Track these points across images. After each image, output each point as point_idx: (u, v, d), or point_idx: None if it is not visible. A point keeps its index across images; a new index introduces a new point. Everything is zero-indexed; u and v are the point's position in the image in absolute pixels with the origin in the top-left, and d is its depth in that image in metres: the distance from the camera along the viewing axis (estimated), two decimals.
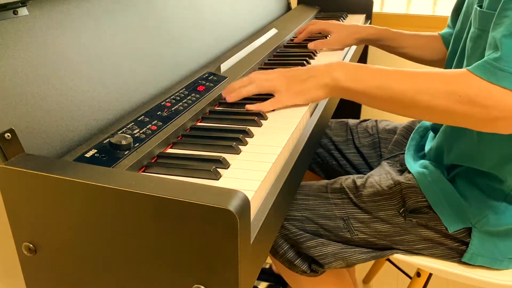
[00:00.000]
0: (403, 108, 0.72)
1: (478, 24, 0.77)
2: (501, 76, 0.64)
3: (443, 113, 0.68)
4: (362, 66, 0.76)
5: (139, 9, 0.88)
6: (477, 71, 0.66)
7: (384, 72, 0.73)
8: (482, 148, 0.80)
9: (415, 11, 1.91)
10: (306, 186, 0.93)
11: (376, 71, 0.74)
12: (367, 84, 0.73)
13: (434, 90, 0.68)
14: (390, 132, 1.12)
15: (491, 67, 0.65)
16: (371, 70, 0.74)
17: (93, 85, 0.73)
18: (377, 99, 0.73)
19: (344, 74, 0.75)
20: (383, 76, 0.72)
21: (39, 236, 0.57)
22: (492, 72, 0.65)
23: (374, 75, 0.73)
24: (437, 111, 0.69)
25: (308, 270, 0.91)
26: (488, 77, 0.65)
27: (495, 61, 0.65)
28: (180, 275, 0.51)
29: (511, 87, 0.63)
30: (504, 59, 0.64)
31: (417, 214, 0.85)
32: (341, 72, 0.76)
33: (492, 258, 0.83)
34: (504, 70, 0.64)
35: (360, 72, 0.75)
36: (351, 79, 0.75)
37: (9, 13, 0.62)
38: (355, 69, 0.76)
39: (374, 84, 0.73)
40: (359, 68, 0.76)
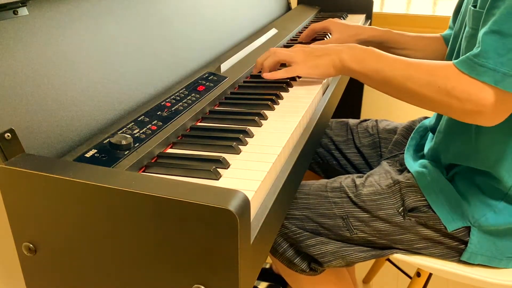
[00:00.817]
0: (395, 92, 0.78)
1: (471, 24, 0.78)
2: (481, 71, 0.68)
3: (426, 101, 0.74)
4: (368, 50, 0.82)
5: (139, 9, 0.88)
6: (459, 65, 0.70)
7: (383, 57, 0.79)
8: (480, 147, 0.80)
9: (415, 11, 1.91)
10: (306, 185, 0.93)
11: (377, 56, 0.80)
12: (366, 67, 0.80)
13: (418, 79, 0.73)
14: (390, 132, 1.12)
15: (472, 62, 0.69)
16: (373, 54, 0.81)
17: (93, 85, 0.73)
18: (374, 80, 0.80)
19: (350, 55, 0.83)
20: (381, 61, 0.79)
21: (39, 236, 0.57)
22: (472, 67, 0.69)
23: (374, 59, 0.80)
24: (421, 98, 0.74)
25: (308, 269, 0.91)
26: (469, 72, 0.69)
27: (474, 56, 0.69)
28: (180, 275, 0.51)
29: (488, 81, 0.67)
30: (482, 55, 0.68)
31: (416, 213, 0.85)
32: (347, 53, 0.83)
33: (491, 257, 0.83)
34: (483, 66, 0.68)
35: (363, 55, 0.82)
36: (355, 60, 0.82)
37: (9, 13, 0.62)
38: (359, 51, 0.83)
39: (372, 67, 0.79)
40: (363, 51, 0.82)
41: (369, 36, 1.15)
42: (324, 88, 0.98)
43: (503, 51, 0.66)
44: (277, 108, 0.85)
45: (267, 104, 0.84)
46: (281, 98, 0.89)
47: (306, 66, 0.88)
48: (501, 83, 0.66)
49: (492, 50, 0.67)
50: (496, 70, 0.66)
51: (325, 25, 1.22)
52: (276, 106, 0.86)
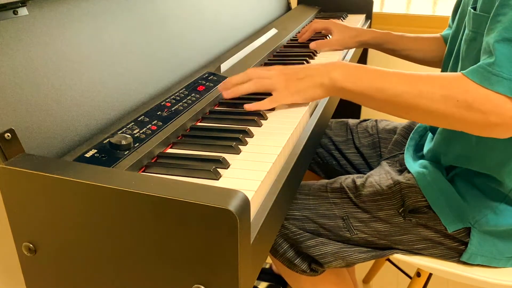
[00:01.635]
0: (401, 110, 0.71)
1: (472, 26, 0.77)
2: (495, 81, 0.64)
3: (441, 117, 0.68)
4: (361, 67, 0.75)
5: (139, 9, 0.88)
6: (472, 76, 0.66)
7: (383, 74, 0.72)
8: (480, 150, 0.80)
9: (415, 11, 1.91)
10: (306, 185, 0.93)
11: (375, 72, 0.73)
12: (365, 85, 0.72)
13: (432, 94, 0.67)
14: (390, 132, 1.12)
15: (486, 72, 0.65)
16: (369, 71, 0.74)
17: (93, 85, 0.73)
18: (376, 100, 0.73)
19: (342, 74, 0.75)
20: (381, 78, 0.72)
21: (39, 236, 0.57)
22: (486, 77, 0.65)
23: (372, 76, 0.73)
24: (435, 115, 0.68)
25: (308, 270, 0.91)
26: (482, 82, 0.65)
27: (489, 66, 0.65)
28: (180, 275, 0.51)
29: (505, 92, 0.63)
30: (498, 64, 0.64)
31: (416, 214, 0.85)
32: (339, 72, 0.75)
33: (491, 257, 0.83)
34: (498, 75, 0.64)
35: (358, 73, 0.74)
36: (349, 79, 0.74)
37: (9, 13, 0.62)
38: (353, 69, 0.75)
39: (373, 86, 0.72)
40: (357, 68, 0.75)
41: (369, 38, 1.15)
42: None
43: None
44: (277, 108, 0.85)
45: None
46: None
47: (288, 93, 0.79)
48: None
49: (506, 59, 0.64)
50: (511, 79, 0.63)
51: (326, 25, 1.21)
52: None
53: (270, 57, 1.15)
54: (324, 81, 0.76)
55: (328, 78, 0.76)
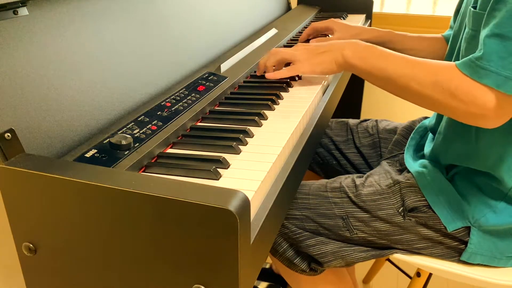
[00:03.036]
0: (397, 90, 0.77)
1: (471, 25, 0.78)
2: (483, 74, 0.67)
3: (430, 102, 0.73)
4: (370, 47, 0.82)
5: (139, 9, 0.88)
6: (462, 67, 0.70)
7: (387, 55, 0.79)
8: (480, 149, 0.80)
9: (415, 11, 1.91)
10: (306, 185, 0.93)
11: (380, 53, 0.80)
12: (370, 64, 0.80)
13: (423, 79, 0.73)
14: (390, 132, 1.12)
15: (474, 64, 0.68)
16: (376, 51, 0.80)
17: (93, 85, 0.73)
18: (377, 78, 0.79)
19: (353, 52, 0.82)
20: (385, 58, 0.78)
21: (39, 236, 0.57)
22: (474, 70, 0.68)
23: (377, 56, 0.79)
24: (424, 98, 0.73)
25: (308, 269, 0.91)
26: (470, 74, 0.69)
27: (477, 59, 0.68)
28: (180, 275, 0.51)
29: (491, 84, 0.67)
30: (485, 58, 0.67)
31: (416, 213, 0.85)
32: (351, 50, 0.83)
33: (491, 256, 0.83)
34: (485, 68, 0.67)
35: (366, 52, 0.81)
36: (358, 56, 0.82)
37: (9, 13, 0.62)
38: (362, 48, 0.82)
39: (376, 65, 0.79)
40: (367, 48, 0.82)
41: (371, 37, 1.15)
42: (324, 88, 0.98)
43: (505, 54, 0.66)
44: (277, 108, 0.85)
45: (267, 104, 0.84)
46: (281, 98, 0.89)
47: (309, 64, 0.88)
48: (502, 87, 0.66)
49: (494, 53, 0.67)
50: (498, 73, 0.66)
51: (327, 24, 1.21)
52: (276, 106, 0.86)
53: None
54: (338, 57, 0.84)
55: (341, 55, 0.84)
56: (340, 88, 1.08)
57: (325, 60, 0.86)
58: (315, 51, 0.88)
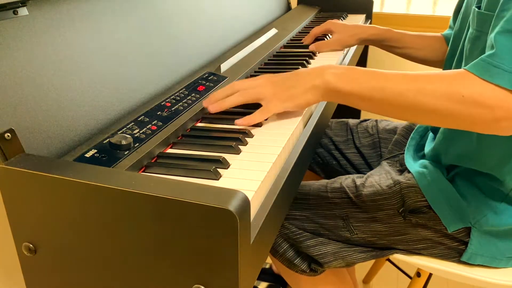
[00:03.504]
0: (401, 111, 0.68)
1: (476, 25, 0.77)
2: (495, 73, 0.62)
3: (445, 115, 0.65)
4: (355, 68, 0.72)
5: (139, 9, 0.88)
6: (473, 69, 0.64)
7: (380, 74, 0.69)
8: (481, 149, 0.80)
9: (415, 11, 1.91)
10: (306, 185, 0.93)
11: (370, 72, 0.70)
12: (362, 86, 0.69)
13: (435, 91, 0.64)
14: (390, 132, 1.12)
15: (486, 63, 0.63)
16: (364, 71, 0.70)
17: (93, 85, 0.73)
18: (374, 101, 0.69)
19: (336, 75, 0.71)
20: (379, 77, 0.68)
21: (39, 236, 0.57)
22: (486, 69, 0.63)
23: (369, 76, 0.69)
24: (439, 113, 0.65)
25: (308, 270, 0.91)
26: (482, 75, 0.63)
27: (489, 57, 0.63)
28: (180, 275, 0.51)
29: (505, 85, 0.61)
30: (498, 56, 0.63)
31: (416, 214, 0.85)
32: (332, 73, 0.71)
33: (491, 257, 0.83)
34: (499, 67, 0.62)
35: (352, 73, 0.70)
36: (343, 79, 0.70)
37: (9, 13, 0.62)
38: (347, 70, 0.71)
39: (370, 85, 0.68)
40: (351, 69, 0.71)
41: (369, 35, 1.15)
42: None
43: None
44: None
45: None
46: None
47: (279, 101, 0.74)
48: None
49: (507, 51, 0.62)
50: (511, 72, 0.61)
51: (326, 27, 1.21)
52: None
53: (270, 57, 1.15)
54: (317, 83, 0.72)
55: (321, 80, 0.71)
56: None
57: (297, 91, 0.73)
58: (284, 83, 0.74)
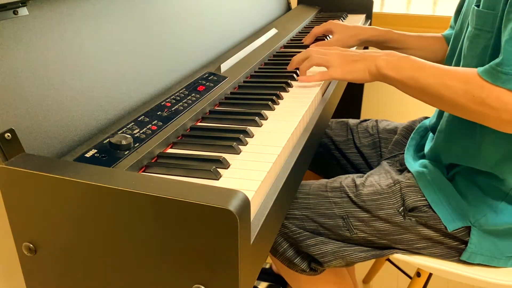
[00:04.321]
0: (430, 99, 0.77)
1: (475, 24, 0.78)
2: (506, 79, 0.67)
3: (461, 109, 0.72)
4: (405, 57, 0.81)
5: (139, 9, 0.88)
6: (484, 75, 0.69)
7: (419, 65, 0.78)
8: (483, 148, 0.80)
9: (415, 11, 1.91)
10: (306, 185, 0.93)
11: (414, 63, 0.79)
12: (402, 74, 0.79)
13: (454, 87, 0.72)
14: (390, 132, 1.12)
15: (495, 71, 0.68)
16: (409, 61, 0.80)
17: (93, 85, 0.73)
18: (410, 88, 0.79)
19: (387, 62, 0.82)
20: (416, 68, 0.78)
21: (39, 236, 0.57)
22: (496, 77, 0.68)
23: (410, 66, 0.79)
24: (456, 106, 0.73)
25: (308, 269, 0.91)
26: (494, 81, 0.68)
27: (497, 65, 0.68)
28: (180, 275, 0.51)
29: None
30: (505, 63, 0.67)
31: (416, 213, 0.85)
32: (385, 60, 0.82)
33: (491, 256, 0.83)
34: (507, 74, 0.66)
35: (399, 62, 0.81)
36: (392, 67, 0.81)
37: (9, 13, 0.62)
38: (397, 59, 0.81)
39: (409, 75, 0.78)
40: (401, 58, 0.81)
41: (369, 36, 1.15)
42: (324, 88, 0.98)
43: None
44: (277, 108, 0.85)
45: (267, 104, 0.84)
46: (281, 98, 0.89)
47: (342, 71, 0.87)
48: None
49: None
50: None
51: (326, 27, 1.21)
52: (276, 106, 0.86)
53: (270, 57, 1.15)
54: (372, 66, 0.84)
55: (375, 65, 0.83)
56: (340, 88, 1.08)
57: (358, 68, 0.85)
58: (350, 58, 0.87)
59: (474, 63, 0.80)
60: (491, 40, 0.76)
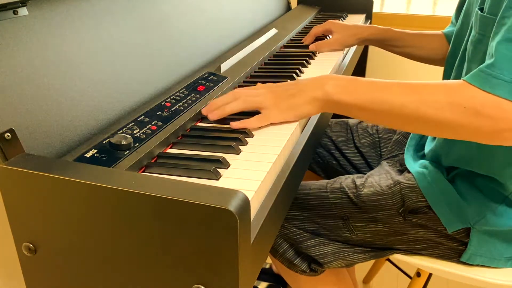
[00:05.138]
0: (403, 122, 0.67)
1: (478, 28, 0.77)
2: (496, 84, 0.61)
3: (448, 127, 0.64)
4: (355, 79, 0.71)
5: (139, 9, 0.88)
6: (472, 80, 0.63)
7: (382, 84, 0.68)
8: (483, 153, 0.80)
9: (415, 11, 1.91)
10: (306, 185, 0.93)
11: (371, 83, 0.69)
12: (363, 97, 0.68)
13: (437, 103, 0.63)
14: (390, 132, 1.12)
15: (485, 74, 0.62)
16: (365, 82, 0.69)
17: (93, 85, 0.73)
18: (376, 113, 0.68)
19: (336, 86, 0.70)
20: (381, 88, 0.67)
21: (39, 236, 0.57)
22: (486, 80, 0.62)
23: (370, 87, 0.68)
24: (442, 124, 0.64)
25: (308, 270, 0.91)
26: (482, 86, 0.61)
27: (488, 68, 0.62)
28: (180, 275, 0.51)
29: (505, 96, 0.60)
30: (497, 66, 0.61)
31: (416, 214, 0.85)
32: (332, 85, 0.70)
33: (490, 258, 0.83)
34: (498, 78, 0.61)
35: (353, 84, 0.70)
36: (344, 91, 0.69)
37: (9, 13, 0.62)
38: (348, 81, 0.71)
39: (370, 97, 0.67)
40: (351, 80, 0.71)
41: (369, 35, 1.15)
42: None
43: None
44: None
45: None
46: None
47: (279, 111, 0.74)
48: None
49: (506, 60, 0.61)
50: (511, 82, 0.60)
51: (326, 27, 1.21)
52: None
53: (270, 57, 1.15)
54: (317, 95, 0.71)
55: (322, 91, 0.71)
56: None
57: (297, 102, 0.73)
58: (284, 93, 0.74)
59: None
60: None
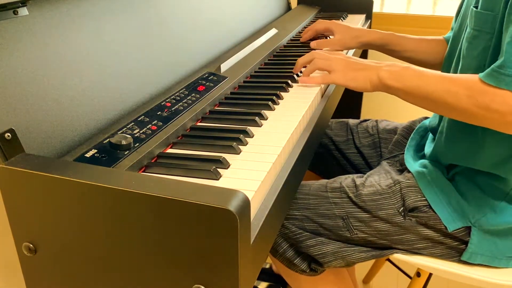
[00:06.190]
0: (434, 106, 0.78)
1: (473, 25, 0.78)
2: (509, 81, 0.67)
3: (465, 114, 0.73)
4: (406, 67, 0.82)
5: (139, 9, 0.88)
6: (486, 79, 0.70)
7: (422, 74, 0.80)
8: (485, 149, 0.80)
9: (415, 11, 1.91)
10: (306, 185, 0.93)
11: (417, 72, 0.81)
12: (407, 84, 0.80)
13: (457, 93, 0.73)
14: (390, 132, 1.12)
15: (497, 74, 0.68)
16: (412, 71, 0.81)
17: (93, 85, 0.73)
18: (414, 96, 0.80)
19: (389, 73, 0.83)
20: (421, 77, 0.79)
21: (39, 236, 0.57)
22: (499, 79, 0.68)
23: (414, 76, 0.80)
24: (460, 111, 0.74)
25: (308, 269, 0.91)
26: (497, 84, 0.68)
27: (498, 67, 0.68)
28: (180, 275, 0.51)
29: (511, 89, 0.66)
30: (506, 65, 0.67)
31: (416, 213, 0.85)
32: (387, 71, 0.83)
33: (491, 256, 0.83)
34: (509, 75, 0.67)
35: (402, 72, 0.82)
36: (394, 77, 0.82)
37: (9, 13, 0.62)
38: (399, 69, 0.82)
39: (413, 84, 0.79)
40: (402, 68, 0.82)
41: (371, 39, 1.15)
42: (324, 88, 0.98)
43: None
44: (277, 108, 0.85)
45: (267, 104, 0.84)
46: (281, 98, 0.89)
47: (344, 77, 0.87)
48: None
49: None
50: None
51: (328, 26, 1.21)
52: (276, 106, 0.86)
53: (270, 57, 1.15)
54: (373, 77, 0.84)
55: (377, 75, 0.84)
56: (340, 88, 1.08)
57: (359, 77, 0.86)
58: (353, 65, 0.88)
59: (474, 64, 0.80)
60: (491, 41, 0.76)
